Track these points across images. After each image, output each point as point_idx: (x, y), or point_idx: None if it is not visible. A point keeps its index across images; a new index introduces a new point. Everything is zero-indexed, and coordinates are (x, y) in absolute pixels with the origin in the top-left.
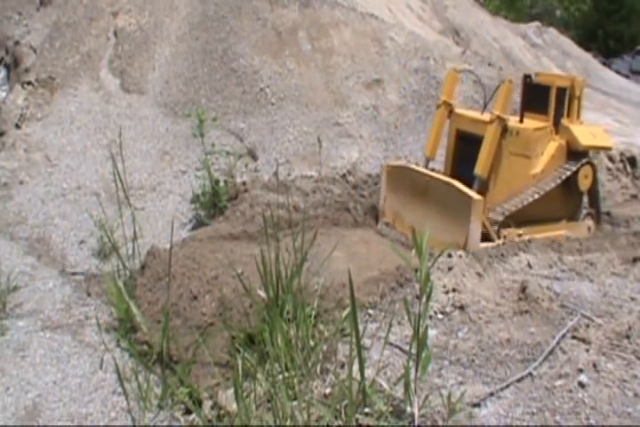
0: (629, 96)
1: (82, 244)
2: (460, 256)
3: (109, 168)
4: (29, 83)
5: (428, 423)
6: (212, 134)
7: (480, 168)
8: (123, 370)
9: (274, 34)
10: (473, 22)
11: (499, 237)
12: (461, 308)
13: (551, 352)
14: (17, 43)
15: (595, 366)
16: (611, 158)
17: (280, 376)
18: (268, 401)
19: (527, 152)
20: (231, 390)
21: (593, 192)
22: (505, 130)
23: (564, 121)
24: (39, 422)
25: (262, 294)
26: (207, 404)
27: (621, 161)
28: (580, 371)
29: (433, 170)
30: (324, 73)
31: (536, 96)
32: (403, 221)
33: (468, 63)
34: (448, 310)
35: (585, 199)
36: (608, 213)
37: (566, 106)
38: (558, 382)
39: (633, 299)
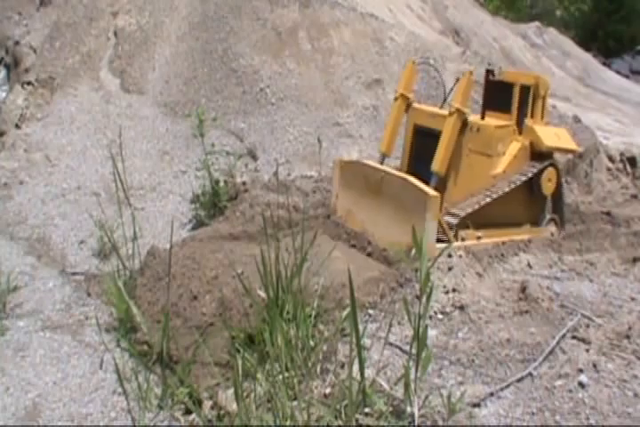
0: (629, 96)
1: (82, 244)
2: (460, 256)
3: (109, 168)
4: (29, 83)
5: (428, 423)
6: (212, 134)
7: (438, 164)
8: (123, 370)
9: (274, 34)
10: (473, 22)
11: (456, 239)
12: (461, 308)
13: (551, 352)
14: (17, 43)
15: (595, 366)
16: (611, 158)
17: (280, 376)
18: (268, 401)
19: (488, 151)
20: (231, 390)
21: (557, 197)
22: (465, 124)
23: (528, 121)
24: (39, 423)
25: (262, 294)
26: (207, 404)
27: (621, 161)
28: (580, 371)
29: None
30: (324, 73)
31: (499, 94)
32: (354, 219)
33: (469, 63)
34: (448, 310)
35: (549, 204)
36: (608, 213)
37: (530, 105)
38: (558, 382)
39: (633, 299)
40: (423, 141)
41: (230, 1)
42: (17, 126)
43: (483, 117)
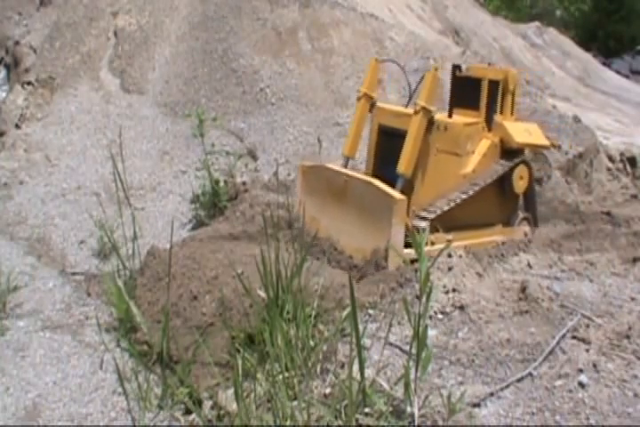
0: (629, 96)
1: (82, 244)
2: (460, 256)
3: (109, 168)
4: (29, 83)
5: (428, 423)
6: (212, 134)
7: (404, 165)
8: (123, 370)
9: (274, 34)
10: (473, 22)
11: (425, 243)
12: (461, 308)
13: (551, 352)
14: (17, 43)
15: (595, 366)
16: (611, 158)
17: (280, 376)
18: (268, 401)
19: (457, 149)
20: (231, 390)
21: (529, 195)
22: (431, 123)
23: (498, 117)
24: (39, 423)
25: (262, 294)
26: (207, 404)
27: (621, 161)
28: (580, 371)
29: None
30: (324, 73)
31: (467, 90)
32: (319, 226)
33: (469, 63)
34: (448, 310)
35: (521, 203)
36: (608, 213)
37: (499, 101)
38: (558, 382)
39: (633, 299)
40: (388, 142)
41: (230, 1)
42: (17, 126)
43: (450, 115)
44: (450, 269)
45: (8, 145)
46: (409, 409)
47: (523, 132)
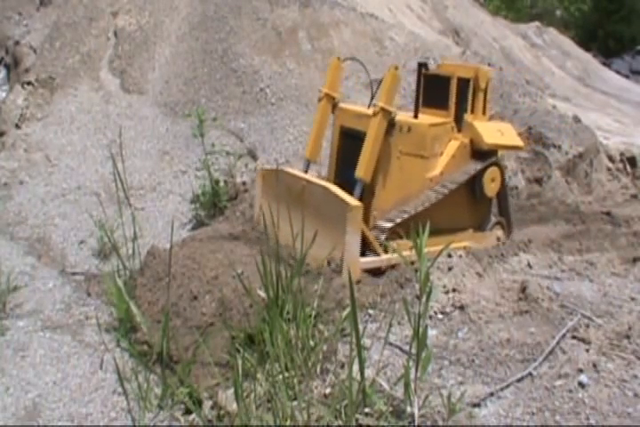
0: (629, 96)
1: (82, 244)
2: (460, 256)
3: (109, 168)
4: (29, 83)
5: (428, 423)
6: (212, 134)
7: (362, 170)
8: (123, 370)
9: (274, 34)
10: (473, 22)
11: (386, 251)
12: (461, 308)
13: (551, 352)
14: (17, 43)
15: (595, 366)
16: (611, 158)
17: (280, 376)
18: (268, 401)
19: (422, 152)
20: (231, 390)
21: (502, 198)
22: (392, 125)
23: (468, 117)
24: (39, 423)
25: (262, 293)
26: (207, 404)
27: (621, 161)
28: (580, 371)
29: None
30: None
31: (436, 89)
32: (279, 232)
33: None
34: (448, 310)
35: (494, 206)
36: (608, 213)
37: (470, 100)
38: (558, 382)
39: (633, 299)
40: (350, 145)
41: (230, 1)
42: (17, 126)
43: (416, 116)
44: (450, 269)
45: (8, 145)
46: (409, 409)
47: (494, 133)
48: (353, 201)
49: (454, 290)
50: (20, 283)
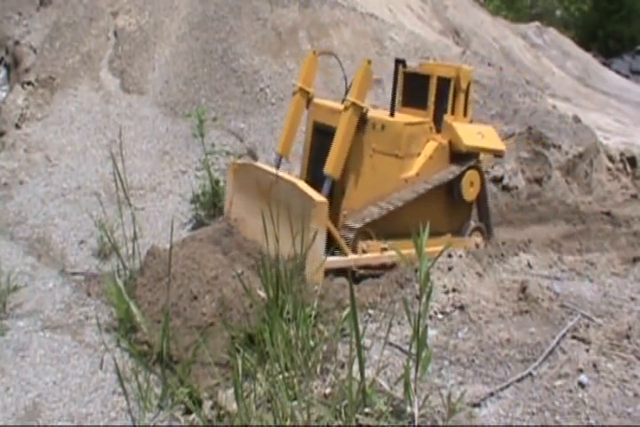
0: (629, 96)
1: (82, 244)
2: (460, 256)
3: (109, 168)
4: (29, 83)
5: (428, 423)
6: (212, 134)
7: (331, 166)
8: (123, 370)
9: (274, 34)
10: (473, 22)
11: (354, 251)
12: (461, 308)
13: (551, 352)
14: (17, 43)
15: (595, 366)
16: (611, 158)
17: (280, 376)
18: (268, 401)
19: (396, 151)
20: (231, 390)
21: (482, 203)
22: (364, 121)
23: (448, 118)
24: (39, 423)
25: (262, 293)
26: (207, 404)
27: (621, 161)
28: (580, 371)
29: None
30: (324, 73)
31: (415, 88)
32: (247, 228)
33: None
34: (448, 310)
35: (473, 211)
36: (608, 213)
37: (450, 100)
38: (558, 382)
39: (633, 299)
40: (323, 141)
41: (230, 1)
42: (17, 126)
43: (392, 114)
44: (450, 269)
45: (8, 145)
46: (409, 409)
47: (474, 135)
48: (318, 197)
49: (454, 290)
50: (20, 283)
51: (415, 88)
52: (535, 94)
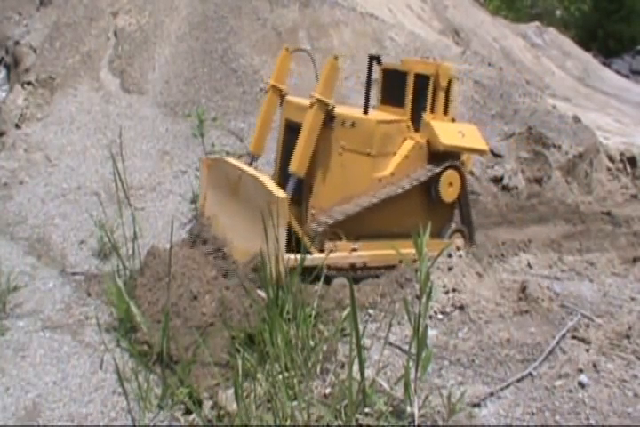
0: (629, 96)
1: (82, 244)
2: (460, 256)
3: (109, 168)
4: (29, 83)
5: (428, 423)
6: (212, 134)
7: (295, 164)
8: (123, 370)
9: (274, 34)
10: (473, 22)
11: (321, 250)
12: (461, 308)
13: (551, 352)
14: (17, 43)
15: (595, 366)
16: (611, 158)
17: (280, 376)
18: (268, 401)
19: (368, 149)
20: (231, 390)
21: (463, 204)
22: (331, 117)
23: (427, 116)
24: (39, 423)
25: (262, 293)
26: (207, 404)
27: (621, 161)
28: (580, 371)
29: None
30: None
31: (394, 85)
32: (218, 223)
33: (469, 63)
34: (448, 310)
35: (454, 213)
36: (608, 213)
37: (429, 98)
38: (558, 382)
39: (633, 299)
40: (293, 138)
41: (230, 1)
42: (17, 126)
43: (365, 111)
44: (450, 269)
45: (8, 145)
46: (409, 409)
47: (454, 134)
48: (280, 193)
49: (454, 290)
50: (20, 283)
51: (394, 85)
52: (535, 94)
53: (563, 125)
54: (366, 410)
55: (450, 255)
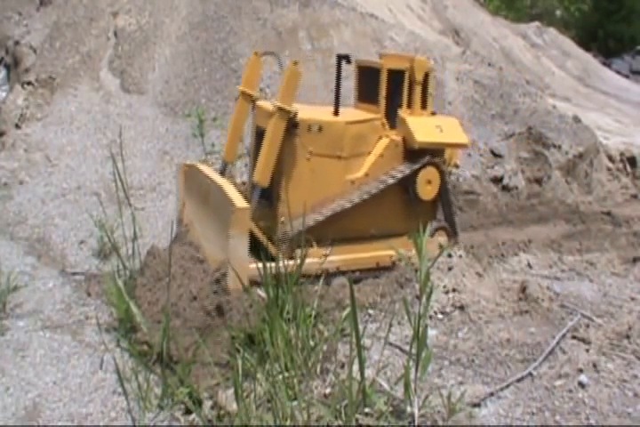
0: (629, 96)
1: (82, 244)
2: (460, 256)
3: (109, 168)
4: (29, 83)
5: (428, 423)
6: (211, 134)
7: (259, 173)
8: (123, 370)
9: (274, 34)
10: (473, 22)
11: (290, 258)
12: (461, 308)
13: (551, 352)
14: (17, 43)
15: (595, 366)
16: (611, 158)
17: (280, 376)
18: (268, 401)
19: (338, 152)
20: (231, 390)
21: (444, 201)
22: (294, 124)
23: (403, 112)
24: (39, 423)
25: (262, 293)
26: (207, 404)
27: (621, 161)
28: (580, 371)
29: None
30: (324, 73)
31: (369, 82)
32: (195, 230)
33: (469, 63)
34: (448, 310)
35: (435, 211)
36: (608, 213)
37: (405, 93)
38: (558, 382)
39: (633, 299)
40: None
41: (230, 1)
42: (17, 126)
43: (336, 113)
44: (450, 269)
45: (8, 145)
46: (409, 409)
47: (430, 130)
48: (240, 202)
49: (454, 290)
50: (20, 283)
51: (368, 82)
52: (535, 94)
53: (563, 125)
54: (366, 410)
55: (450, 255)
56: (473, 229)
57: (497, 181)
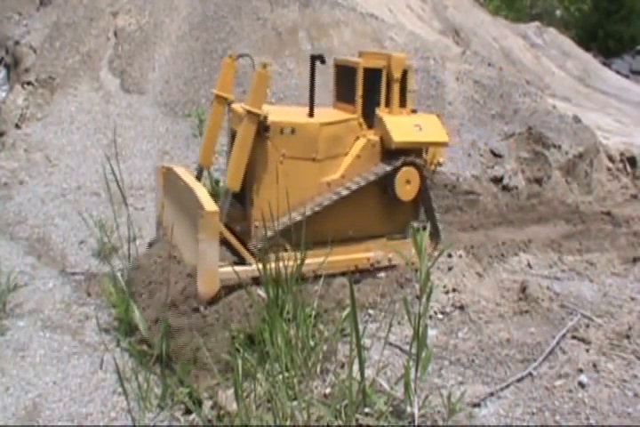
0: (629, 96)
1: (82, 244)
2: (460, 256)
3: (109, 168)
4: (29, 83)
5: (428, 423)
6: None
7: (229, 178)
8: (123, 370)
9: (274, 34)
10: (473, 22)
11: (263, 262)
12: (461, 308)
13: (551, 352)
14: (17, 43)
15: (595, 366)
16: (611, 158)
17: (280, 376)
18: (268, 401)
19: (312, 154)
20: (231, 390)
21: (426, 202)
22: (265, 127)
23: (381, 111)
24: (39, 423)
25: (262, 293)
26: (207, 404)
27: (621, 161)
28: (580, 371)
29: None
30: (324, 73)
31: (345, 81)
32: (173, 235)
33: (469, 63)
34: (448, 310)
35: (416, 211)
36: (608, 213)
37: (383, 92)
38: (558, 382)
39: (633, 299)
40: None
41: (230, 1)
42: (17, 126)
43: (311, 114)
44: (450, 269)
45: (8, 145)
46: (409, 409)
47: (409, 129)
48: (209, 206)
49: (454, 290)
50: (20, 283)
51: (345, 81)
52: (535, 94)
53: (563, 125)
54: (366, 410)
55: (450, 255)
56: (473, 229)
57: (497, 181)
